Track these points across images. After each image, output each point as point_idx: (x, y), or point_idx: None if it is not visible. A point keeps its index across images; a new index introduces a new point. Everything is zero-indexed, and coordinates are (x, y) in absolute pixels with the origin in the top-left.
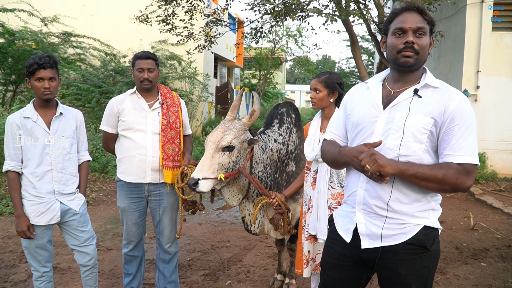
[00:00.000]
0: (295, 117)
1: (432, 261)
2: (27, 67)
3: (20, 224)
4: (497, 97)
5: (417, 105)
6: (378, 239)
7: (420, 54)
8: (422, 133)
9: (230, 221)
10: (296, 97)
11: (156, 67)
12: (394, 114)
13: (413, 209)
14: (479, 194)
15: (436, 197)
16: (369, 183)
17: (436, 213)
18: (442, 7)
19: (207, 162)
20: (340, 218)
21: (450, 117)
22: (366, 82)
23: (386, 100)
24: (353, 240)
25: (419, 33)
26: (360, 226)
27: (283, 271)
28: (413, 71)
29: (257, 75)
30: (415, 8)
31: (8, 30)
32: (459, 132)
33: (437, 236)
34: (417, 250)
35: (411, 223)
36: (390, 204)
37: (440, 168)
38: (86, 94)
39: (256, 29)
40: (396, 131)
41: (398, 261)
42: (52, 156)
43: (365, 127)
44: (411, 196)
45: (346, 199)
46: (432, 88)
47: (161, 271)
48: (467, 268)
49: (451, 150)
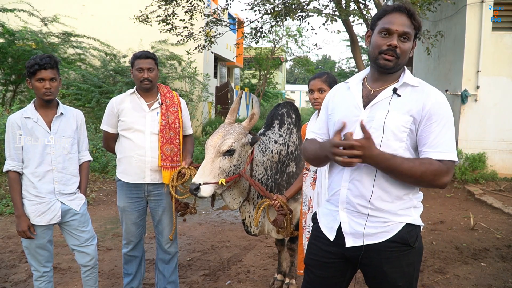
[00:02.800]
0: (295, 117)
1: (417, 258)
2: (28, 67)
3: (20, 224)
4: (497, 97)
5: (396, 103)
6: (362, 238)
7: (400, 58)
8: (401, 131)
9: (230, 221)
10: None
11: (155, 67)
12: (374, 113)
13: (396, 207)
14: (479, 194)
15: (418, 195)
16: (352, 182)
17: (418, 210)
18: (442, 7)
19: (208, 166)
20: (323, 216)
21: (428, 114)
22: (347, 82)
23: (366, 100)
24: (336, 238)
25: (404, 37)
26: (344, 225)
27: (283, 271)
28: (392, 72)
29: (257, 75)
30: (406, 10)
31: (8, 30)
32: (437, 129)
33: (419, 233)
34: (401, 247)
35: (394, 221)
36: (372, 202)
37: (421, 164)
38: (86, 94)
39: (256, 29)
40: (376, 130)
41: (383, 259)
42: (52, 156)
43: (347, 126)
44: (394, 194)
45: (329, 198)
46: (410, 86)
47: (161, 271)
48: (467, 268)
49: (429, 147)
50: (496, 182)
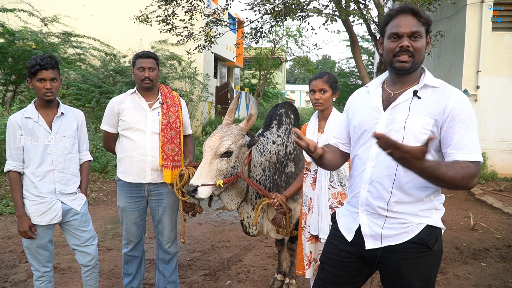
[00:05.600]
0: (294, 117)
1: (435, 261)
2: (29, 67)
3: (21, 224)
4: (497, 97)
5: (417, 106)
6: (381, 239)
7: (416, 56)
8: (423, 134)
9: (230, 221)
10: (296, 97)
11: (156, 67)
12: (395, 116)
13: (416, 209)
14: (479, 194)
15: (439, 197)
16: (371, 184)
17: (439, 212)
18: (442, 7)
19: (205, 168)
20: (343, 217)
21: (450, 115)
22: (367, 86)
23: (386, 102)
24: (355, 238)
25: (414, 36)
26: (364, 227)
27: (283, 271)
28: (410, 73)
29: (257, 75)
30: (409, 10)
31: (8, 30)
32: (461, 130)
33: (440, 236)
34: (420, 249)
35: (414, 222)
36: (391, 204)
37: (461, 169)
38: (86, 94)
39: (256, 29)
40: (397, 132)
41: (401, 260)
42: (53, 156)
43: (367, 129)
44: (415, 196)
45: (349, 200)
46: (431, 88)
47: (161, 271)
48: (467, 268)
49: (454, 148)
50: (496, 182)
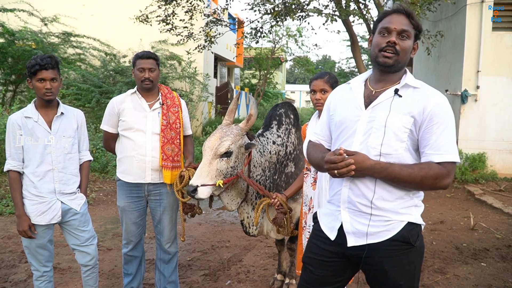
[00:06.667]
0: (293, 117)
1: (418, 257)
2: (29, 67)
3: (21, 223)
4: (497, 97)
5: (397, 104)
6: (364, 237)
7: (400, 55)
8: (402, 132)
9: (230, 221)
10: (296, 97)
11: (157, 67)
12: (376, 114)
13: (397, 206)
14: (479, 194)
15: (419, 194)
16: (353, 182)
17: (419, 209)
18: (442, 7)
19: (205, 168)
20: (325, 216)
21: (429, 116)
22: (349, 83)
23: (367, 100)
24: (337, 237)
25: (402, 35)
26: (346, 224)
27: (283, 271)
28: (393, 72)
29: (257, 75)
30: (404, 11)
31: (8, 30)
32: (438, 131)
33: (421, 232)
34: (402, 246)
35: (395, 220)
36: (374, 201)
37: (420, 170)
38: (86, 94)
39: (256, 29)
40: (378, 130)
41: (384, 258)
42: (53, 156)
43: (348, 126)
44: (395, 194)
45: (330, 198)
46: (412, 88)
47: (161, 271)
48: (467, 268)
49: (431, 149)
50: (496, 182)
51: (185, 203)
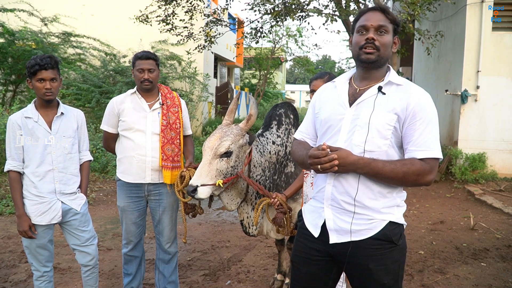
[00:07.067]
0: (293, 117)
1: (401, 256)
2: (29, 67)
3: (21, 224)
4: (497, 97)
5: (381, 102)
6: (346, 234)
7: (381, 50)
8: (386, 129)
9: (230, 221)
10: (296, 97)
11: (156, 68)
12: (360, 111)
13: (379, 205)
14: (479, 194)
15: (401, 194)
16: (336, 179)
17: (401, 209)
18: (442, 7)
19: (205, 168)
20: (308, 213)
21: (412, 112)
22: (334, 81)
23: (352, 98)
24: (321, 235)
25: (380, 30)
26: (329, 221)
27: (283, 271)
28: (376, 68)
29: (257, 75)
30: (379, 8)
31: (8, 30)
32: (421, 127)
33: (403, 232)
34: (386, 245)
35: (377, 219)
36: (357, 199)
37: (402, 165)
38: (86, 94)
39: (256, 29)
40: (362, 128)
41: (368, 257)
42: (53, 156)
43: (333, 124)
44: (377, 191)
45: (314, 195)
46: (395, 85)
47: (161, 271)
48: (467, 268)
49: (414, 145)
50: (496, 182)
51: (187, 203)
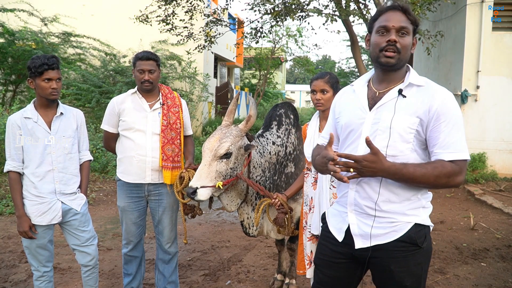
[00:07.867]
0: (293, 117)
1: (425, 258)
2: (35, 67)
3: (21, 224)
4: (497, 97)
5: (402, 105)
6: (370, 239)
7: (402, 53)
8: (408, 133)
9: (230, 221)
10: (296, 97)
11: (157, 68)
12: (380, 115)
13: (404, 208)
14: (479, 194)
15: (427, 195)
16: (359, 184)
17: (427, 210)
18: (442, 7)
19: (204, 170)
20: (332, 217)
21: (436, 114)
22: (352, 85)
23: (372, 102)
24: (345, 239)
25: (402, 32)
26: (353, 226)
27: (283, 271)
28: (395, 70)
29: (257, 75)
30: (399, 7)
31: (8, 30)
32: (446, 129)
33: (429, 233)
34: (409, 247)
35: (402, 221)
36: (379, 204)
37: (434, 169)
38: (86, 94)
39: (256, 29)
40: (383, 132)
41: (391, 259)
42: (53, 156)
43: (354, 129)
44: (402, 196)
45: (338, 199)
46: (416, 86)
47: (161, 271)
48: (467, 268)
49: (440, 147)
50: (496, 182)
51: (186, 204)
